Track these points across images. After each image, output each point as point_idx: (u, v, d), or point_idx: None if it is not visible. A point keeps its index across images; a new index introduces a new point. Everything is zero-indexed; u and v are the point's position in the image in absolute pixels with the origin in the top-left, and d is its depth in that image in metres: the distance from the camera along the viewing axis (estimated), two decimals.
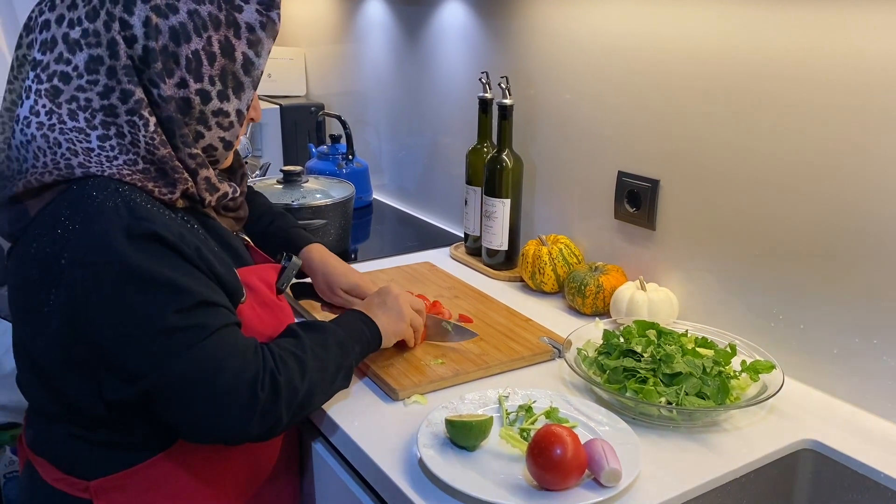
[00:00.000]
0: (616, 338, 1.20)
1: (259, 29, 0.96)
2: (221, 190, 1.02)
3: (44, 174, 0.90)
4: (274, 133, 2.48)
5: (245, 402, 0.90)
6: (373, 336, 1.13)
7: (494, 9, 1.75)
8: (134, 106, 0.89)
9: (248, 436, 0.92)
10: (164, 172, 0.94)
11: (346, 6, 2.37)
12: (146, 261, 0.86)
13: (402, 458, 1.00)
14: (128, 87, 0.89)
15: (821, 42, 1.11)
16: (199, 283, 0.91)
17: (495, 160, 1.60)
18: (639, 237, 1.47)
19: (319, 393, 1.01)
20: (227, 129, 0.98)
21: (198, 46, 0.91)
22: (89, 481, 0.97)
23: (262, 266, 1.11)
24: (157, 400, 0.89)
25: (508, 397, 1.11)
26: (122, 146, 0.91)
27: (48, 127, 0.89)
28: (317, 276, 1.33)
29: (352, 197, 1.78)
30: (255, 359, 0.93)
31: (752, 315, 1.27)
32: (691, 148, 1.33)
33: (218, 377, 0.89)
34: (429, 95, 2.05)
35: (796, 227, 1.19)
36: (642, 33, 1.38)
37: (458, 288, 1.55)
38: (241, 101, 0.97)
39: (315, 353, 1.00)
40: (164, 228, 0.88)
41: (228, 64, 0.94)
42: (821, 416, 1.12)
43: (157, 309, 0.86)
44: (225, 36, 0.93)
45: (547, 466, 0.90)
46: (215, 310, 0.92)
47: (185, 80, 0.91)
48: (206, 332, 0.89)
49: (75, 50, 0.89)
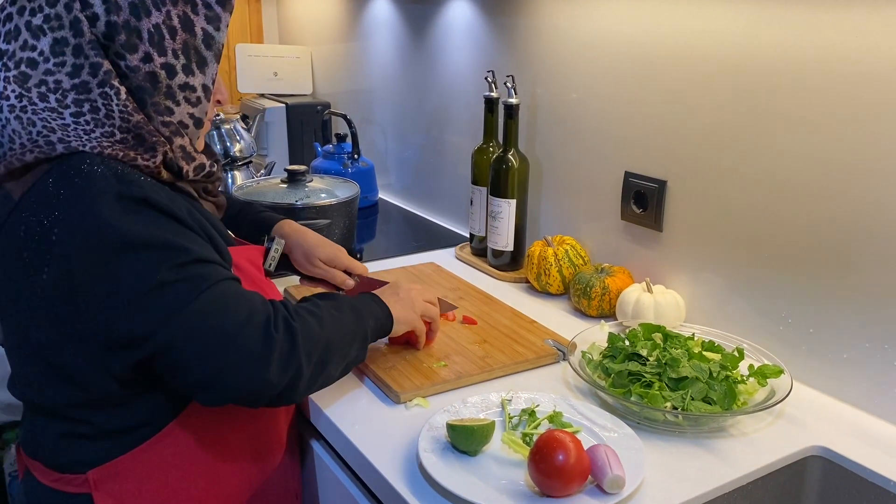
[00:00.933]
0: (621, 341, 1.19)
1: (215, 4, 0.98)
2: (198, 160, 1.02)
3: (24, 153, 0.91)
4: (280, 132, 2.47)
5: (260, 344, 0.89)
6: (385, 316, 1.12)
7: (501, 7, 1.73)
8: (104, 77, 0.91)
9: (269, 385, 0.90)
10: (141, 138, 0.94)
11: (353, 5, 2.36)
12: (138, 223, 0.87)
13: (402, 463, 0.99)
14: (96, 61, 0.90)
15: (831, 41, 1.09)
16: (193, 243, 0.91)
17: (501, 160, 1.59)
18: (646, 238, 1.45)
19: (337, 352, 1.00)
20: (196, 105, 0.99)
21: (158, 20, 0.93)
22: (86, 474, 0.96)
23: (248, 247, 1.11)
24: (168, 363, 0.89)
25: (511, 401, 1.10)
26: (97, 119, 0.92)
27: (20, 108, 0.90)
28: (293, 249, 1.32)
29: (356, 196, 1.77)
30: (264, 306, 0.93)
31: (761, 318, 1.25)
32: (699, 149, 1.31)
33: (226, 324, 0.88)
34: (435, 94, 2.04)
35: (806, 230, 1.17)
36: (650, 32, 1.37)
37: (462, 289, 1.54)
38: (206, 75, 0.98)
39: (330, 312, 1.01)
40: (153, 192, 0.90)
41: (189, 38, 0.96)
42: (830, 421, 1.10)
43: (151, 266, 0.86)
44: (183, 11, 0.95)
45: (549, 472, 0.88)
46: (213, 266, 0.92)
47: (149, 55, 0.93)
48: (206, 284, 0.89)
49: (39, 35, 0.90)
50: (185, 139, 0.99)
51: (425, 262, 1.70)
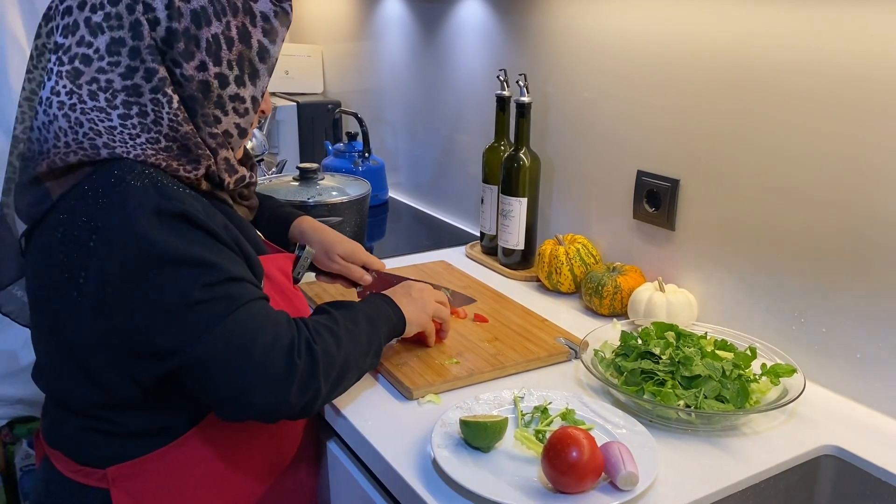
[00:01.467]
0: (634, 339, 1.19)
1: (273, 18, 0.99)
2: (240, 172, 1.03)
3: (68, 154, 0.91)
4: (290, 130, 2.48)
5: (283, 370, 0.90)
6: (398, 320, 1.13)
7: (513, 6, 1.73)
8: (158, 84, 0.91)
9: (288, 406, 0.92)
10: (187, 149, 0.95)
11: (364, 4, 2.37)
12: (175, 239, 0.88)
13: (415, 458, 0.99)
14: (152, 66, 0.91)
15: (845, 42, 1.09)
16: (227, 260, 0.92)
17: (512, 158, 1.59)
18: (658, 237, 1.45)
19: (354, 366, 1.02)
20: (243, 116, 0.99)
21: (217, 30, 0.93)
22: (105, 469, 0.97)
23: (278, 255, 1.12)
24: (193, 377, 0.90)
25: (524, 398, 1.10)
26: (144, 125, 0.92)
27: (69, 107, 0.91)
28: (312, 244, 1.32)
29: (368, 195, 1.77)
30: (289, 328, 0.94)
31: (773, 318, 1.25)
32: (712, 148, 1.31)
33: (253, 347, 0.89)
34: (446, 93, 2.04)
35: (819, 228, 1.17)
36: (662, 31, 1.37)
37: (473, 287, 1.54)
38: (257, 87, 0.99)
39: (347, 327, 1.02)
40: (191, 207, 0.90)
41: (245, 50, 0.96)
42: (842, 421, 1.10)
43: (185, 284, 0.87)
44: (242, 22, 0.96)
45: (562, 469, 0.89)
46: (243, 285, 0.93)
47: (204, 63, 0.93)
48: (236, 305, 0.90)
49: (97, 33, 0.90)
50: (229, 152, 1.00)
51: (436, 261, 1.70)
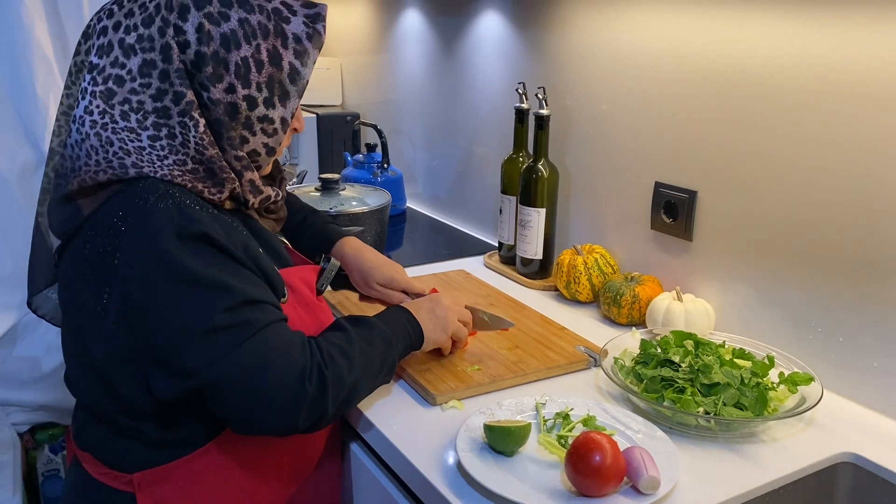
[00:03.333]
0: (653, 347, 1.21)
1: (305, 40, 1.00)
2: (265, 192, 1.05)
3: (98, 172, 0.94)
4: (310, 142, 2.51)
5: (293, 396, 0.92)
6: (416, 337, 1.14)
7: (532, 20, 1.76)
8: (185, 107, 0.93)
9: (295, 428, 0.94)
10: (212, 172, 0.97)
11: (383, 17, 2.40)
12: (196, 261, 0.90)
13: (439, 462, 1.01)
14: (180, 90, 0.93)
15: (863, 52, 1.11)
16: (246, 282, 0.94)
17: (531, 170, 1.62)
18: (675, 248, 1.47)
19: (364, 387, 1.04)
20: (271, 136, 1.01)
21: (247, 53, 0.95)
22: (132, 474, 1.00)
23: (303, 267, 1.14)
24: (208, 396, 0.92)
25: (545, 404, 1.12)
26: (173, 147, 0.94)
27: (101, 126, 0.93)
28: (352, 270, 1.33)
29: (388, 204, 1.80)
30: (302, 353, 0.95)
31: (790, 327, 1.27)
32: (730, 159, 1.33)
33: (266, 372, 0.91)
34: (464, 106, 2.07)
35: (836, 238, 1.18)
36: (679, 45, 1.39)
37: (493, 296, 1.57)
38: (286, 109, 1.01)
39: (362, 347, 1.03)
40: (212, 229, 0.92)
41: (275, 72, 0.98)
42: (860, 429, 1.12)
43: (206, 308, 0.89)
44: (273, 45, 0.97)
45: (586, 472, 0.91)
46: (262, 307, 0.95)
47: (233, 86, 0.95)
48: (254, 329, 0.92)
49: (130, 54, 0.93)
50: (254, 174, 1.02)
51: (455, 269, 1.73)
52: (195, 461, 1.00)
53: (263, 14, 0.97)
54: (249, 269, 0.96)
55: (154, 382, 0.93)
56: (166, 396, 0.93)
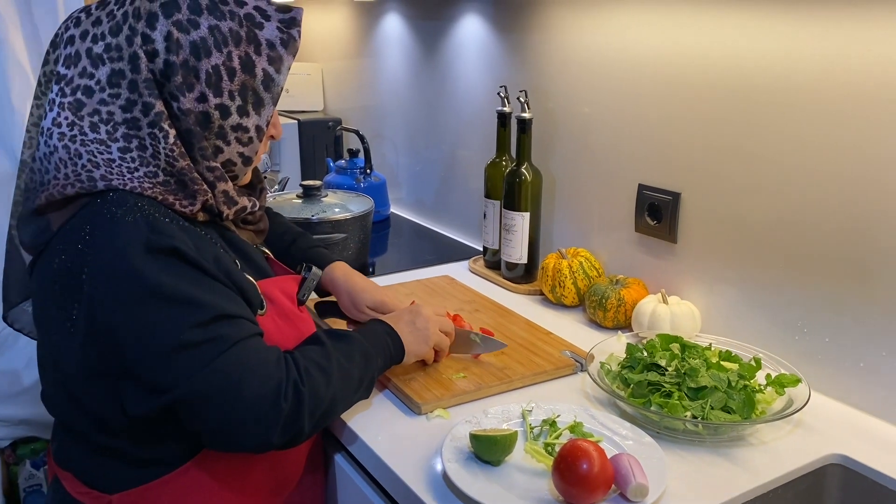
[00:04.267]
0: (639, 351, 1.20)
1: (279, 46, 0.98)
2: (240, 203, 1.02)
3: (66, 186, 0.91)
4: (292, 148, 2.49)
5: (268, 413, 0.90)
6: (396, 352, 1.13)
7: (513, 23, 1.76)
8: (155, 118, 0.91)
9: (270, 445, 0.92)
10: (183, 184, 0.95)
11: (364, 21, 2.39)
12: (165, 276, 0.87)
13: (425, 472, 1.00)
14: (149, 100, 0.91)
15: (845, 52, 1.10)
16: (218, 296, 0.91)
17: (514, 174, 1.60)
18: (660, 250, 1.46)
19: (342, 403, 1.02)
20: (246, 145, 0.99)
21: (218, 62, 0.93)
22: (112, 495, 0.97)
23: (283, 277, 1.11)
24: (181, 412, 0.90)
25: (532, 411, 1.11)
26: (143, 158, 0.92)
27: (69, 138, 0.91)
28: (341, 294, 1.32)
29: (371, 211, 1.79)
30: (277, 369, 0.93)
31: (777, 328, 1.26)
32: (713, 161, 1.33)
33: (240, 389, 0.89)
34: (446, 109, 2.06)
35: (820, 239, 1.18)
36: (661, 46, 1.39)
37: (478, 301, 1.55)
38: (261, 117, 0.98)
39: (340, 363, 1.01)
40: (182, 243, 0.90)
41: (248, 80, 0.96)
42: (848, 430, 1.11)
43: (176, 324, 0.87)
44: (245, 52, 0.95)
45: (573, 481, 0.89)
46: (235, 322, 0.92)
47: (204, 95, 0.93)
48: (227, 345, 0.89)
49: (98, 64, 0.91)
50: (228, 184, 0.99)
51: (439, 275, 1.71)
52: (175, 481, 0.98)
53: (235, 20, 0.95)
54: (222, 282, 0.93)
55: (126, 399, 0.91)
56: (139, 413, 0.91)
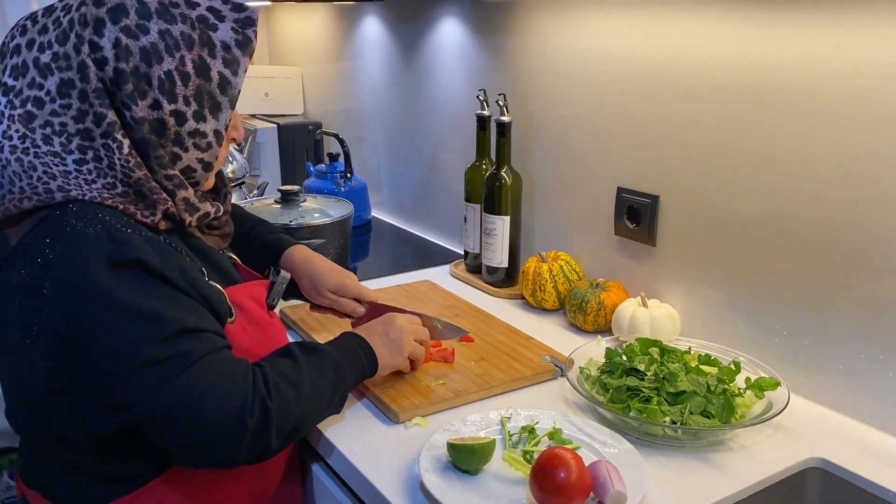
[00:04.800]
0: (619, 356, 1.19)
1: (235, 47, 0.96)
2: (202, 210, 1.00)
3: (22, 199, 0.89)
4: (271, 152, 2.47)
5: (233, 430, 0.88)
6: (369, 365, 1.11)
7: (491, 26, 1.75)
8: (107, 129, 0.89)
9: (237, 462, 0.90)
10: (142, 194, 0.93)
11: (343, 24, 2.37)
12: (127, 289, 0.85)
13: (403, 483, 0.98)
14: (100, 111, 0.89)
15: (822, 53, 1.10)
16: (182, 310, 0.89)
17: (494, 177, 1.60)
18: (639, 253, 1.46)
19: (311, 420, 1.00)
20: (205, 150, 0.97)
21: (170, 67, 0.91)
22: None
23: (251, 283, 1.09)
24: (145, 429, 0.88)
25: (511, 418, 1.10)
26: (100, 169, 0.90)
27: (22, 150, 0.88)
28: (302, 277, 1.29)
29: (350, 215, 1.77)
30: (244, 384, 0.91)
31: (756, 331, 1.26)
32: (691, 163, 1.32)
33: (204, 406, 0.87)
34: (427, 112, 2.05)
35: (799, 242, 1.18)
36: (639, 49, 1.38)
37: (458, 306, 1.54)
38: (219, 121, 0.96)
39: (311, 378, 0.99)
40: (146, 254, 0.87)
41: (204, 84, 0.94)
42: (828, 433, 1.11)
43: (139, 340, 0.85)
44: (199, 55, 0.93)
45: (551, 490, 0.89)
46: (200, 336, 0.90)
47: (158, 102, 0.91)
48: (190, 361, 0.87)
49: (46, 74, 0.88)
50: (188, 191, 0.97)
51: (420, 280, 1.70)
52: (144, 497, 0.96)
53: (187, 23, 0.92)
54: (187, 294, 0.91)
55: (87, 416, 0.89)
56: (101, 431, 0.89)
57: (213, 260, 1.04)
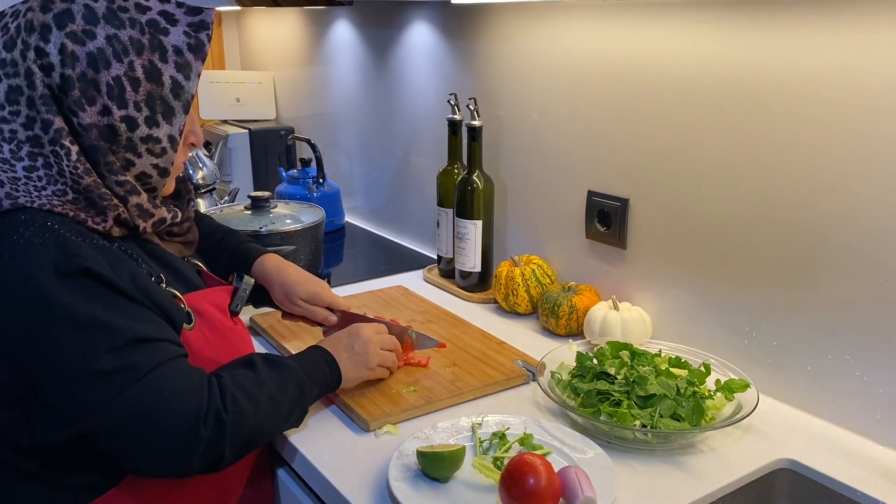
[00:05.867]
0: (589, 360, 1.19)
1: (187, 51, 0.95)
2: (157, 215, 0.99)
3: None
4: (243, 158, 2.45)
5: (186, 441, 0.87)
6: (333, 379, 1.10)
7: (461, 30, 1.74)
8: (55, 136, 0.88)
9: (189, 472, 0.89)
10: (91, 201, 0.91)
11: (314, 29, 2.36)
12: (75, 299, 0.84)
13: (373, 493, 0.97)
14: (47, 117, 0.88)
15: (792, 55, 1.11)
16: (132, 319, 0.88)
17: (466, 181, 1.59)
18: (610, 256, 1.46)
19: (268, 433, 0.99)
20: (160, 156, 0.96)
21: (119, 72, 0.90)
22: None
23: (213, 289, 1.08)
24: (95, 440, 0.87)
25: (482, 424, 1.09)
26: (50, 176, 0.89)
27: None
28: (274, 287, 1.28)
29: (322, 221, 1.76)
30: (198, 394, 0.89)
31: (726, 333, 1.27)
32: (660, 167, 1.33)
33: (155, 418, 0.86)
34: (399, 117, 2.04)
35: (768, 244, 1.18)
36: (608, 52, 1.38)
37: (431, 312, 1.53)
38: (173, 126, 0.95)
39: (271, 393, 0.97)
40: (94, 262, 0.86)
41: (155, 88, 0.92)
42: (797, 434, 1.11)
43: (88, 351, 0.83)
44: (149, 60, 0.92)
45: (520, 496, 0.88)
46: (152, 345, 0.89)
47: (107, 108, 0.90)
48: (142, 372, 0.86)
49: None
50: (141, 197, 0.96)
51: (393, 286, 1.69)
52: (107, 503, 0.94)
53: (136, 28, 0.91)
54: (139, 301, 0.90)
55: (36, 426, 0.87)
56: (50, 441, 0.87)
57: (172, 266, 1.02)
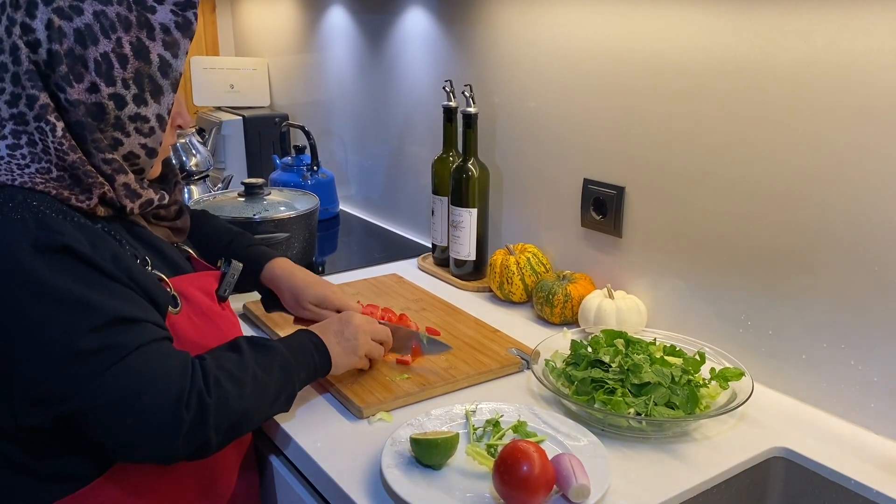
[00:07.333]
0: (584, 348, 1.18)
1: (175, 30, 0.94)
2: (144, 196, 0.97)
3: None
4: (237, 145, 2.44)
5: (168, 424, 0.86)
6: (322, 363, 1.08)
7: (457, 16, 1.73)
8: (40, 112, 0.87)
9: (175, 457, 0.88)
10: (77, 178, 0.90)
11: (309, 15, 2.34)
12: (55, 276, 0.83)
13: (366, 480, 0.97)
14: (32, 93, 0.87)
15: (786, 45, 1.10)
16: (115, 298, 0.86)
17: (461, 169, 1.58)
18: (606, 245, 1.45)
19: (255, 417, 0.97)
20: (148, 136, 0.95)
21: (107, 49, 0.89)
22: None
23: (201, 274, 1.07)
24: (76, 423, 0.85)
25: (475, 412, 1.09)
26: (35, 154, 0.88)
27: None
28: (283, 291, 1.28)
29: (316, 209, 1.75)
30: (181, 377, 0.88)
31: (721, 321, 1.26)
32: (655, 155, 1.32)
33: (138, 399, 0.84)
34: (394, 104, 2.03)
35: (763, 233, 1.18)
36: (605, 41, 1.37)
37: (425, 300, 1.53)
38: (161, 105, 0.94)
39: (256, 374, 0.96)
40: (75, 240, 0.85)
41: (143, 66, 0.92)
42: (791, 422, 1.11)
43: (69, 329, 0.82)
44: (137, 37, 0.91)
45: (513, 484, 0.88)
46: (135, 325, 0.87)
47: (95, 85, 0.89)
48: (125, 352, 0.85)
49: None
50: (128, 176, 0.95)
51: (388, 274, 1.69)
52: (87, 497, 0.93)
53: (123, 5, 0.90)
54: (121, 282, 0.88)
55: (17, 409, 0.86)
56: (30, 424, 0.86)
57: (158, 249, 1.01)
